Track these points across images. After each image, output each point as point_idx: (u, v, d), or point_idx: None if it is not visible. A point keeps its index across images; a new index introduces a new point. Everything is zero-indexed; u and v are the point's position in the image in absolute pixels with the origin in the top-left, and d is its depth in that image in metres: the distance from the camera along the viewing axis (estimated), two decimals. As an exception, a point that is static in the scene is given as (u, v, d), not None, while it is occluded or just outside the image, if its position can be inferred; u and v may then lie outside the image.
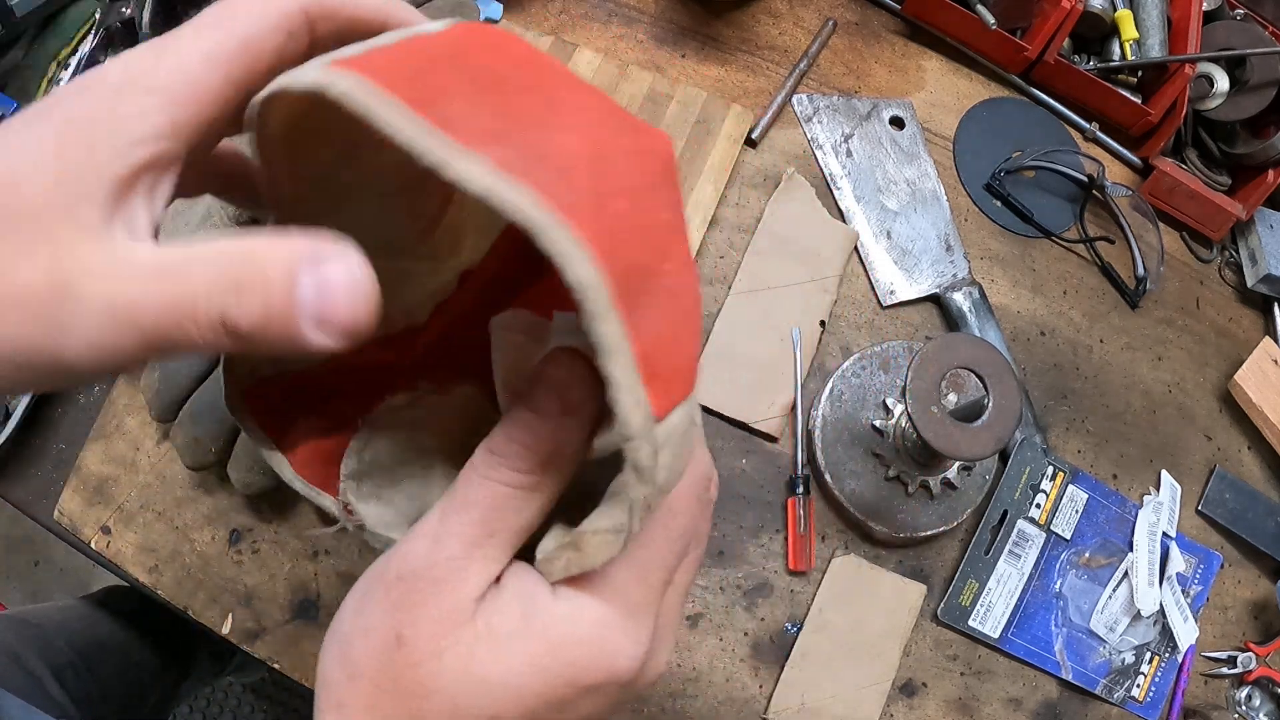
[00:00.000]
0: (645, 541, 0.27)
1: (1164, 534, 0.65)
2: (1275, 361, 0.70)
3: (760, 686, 0.59)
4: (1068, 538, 0.64)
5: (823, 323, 0.65)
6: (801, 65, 0.71)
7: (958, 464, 0.61)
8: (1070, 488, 0.64)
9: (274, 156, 0.28)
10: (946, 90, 0.74)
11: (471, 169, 0.21)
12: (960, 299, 0.66)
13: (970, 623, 0.61)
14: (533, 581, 0.26)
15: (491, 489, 0.25)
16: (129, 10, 0.66)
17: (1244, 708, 0.66)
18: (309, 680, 0.56)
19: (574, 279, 0.21)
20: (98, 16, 0.67)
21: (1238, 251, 0.75)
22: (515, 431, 0.25)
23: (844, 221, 0.68)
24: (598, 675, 0.26)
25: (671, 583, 0.28)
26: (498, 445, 0.26)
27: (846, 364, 0.64)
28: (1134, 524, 0.65)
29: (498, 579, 0.26)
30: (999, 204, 0.71)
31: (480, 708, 0.25)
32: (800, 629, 0.60)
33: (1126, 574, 0.64)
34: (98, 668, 0.63)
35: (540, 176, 0.22)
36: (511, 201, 0.21)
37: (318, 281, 0.21)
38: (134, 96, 0.23)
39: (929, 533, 0.61)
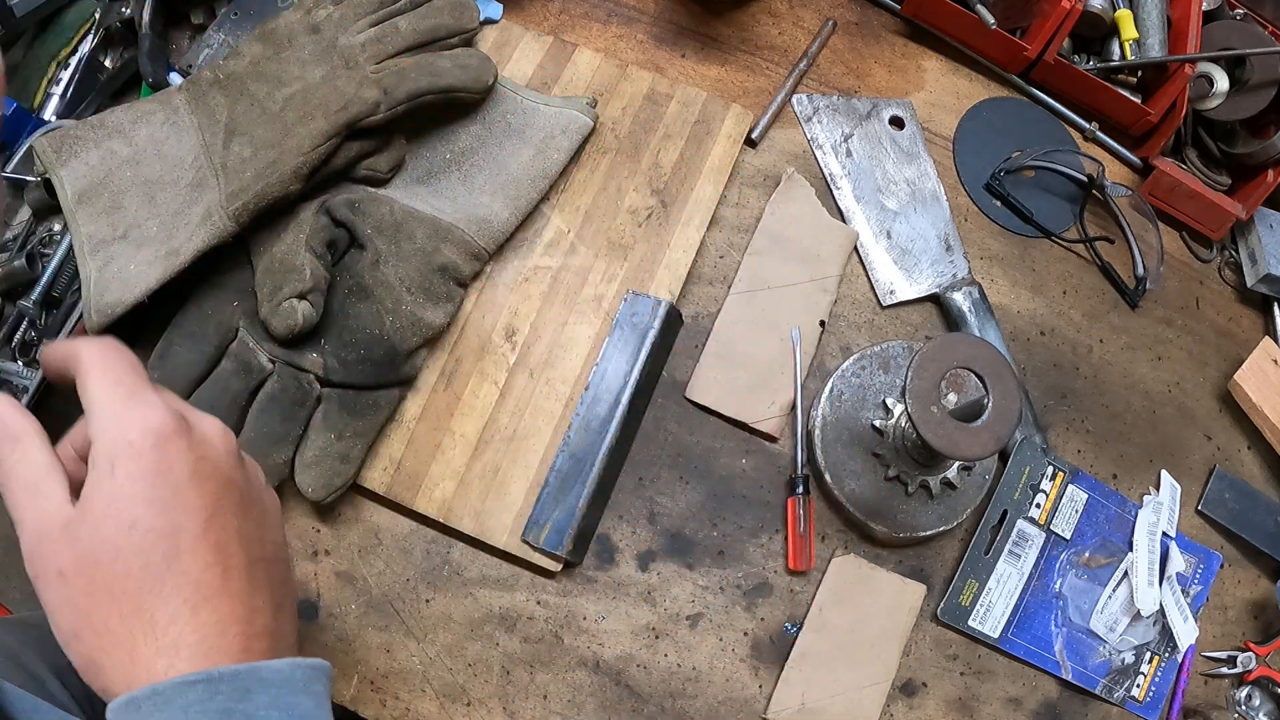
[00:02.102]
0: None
1: (1164, 534, 0.65)
2: (1275, 361, 0.70)
3: (760, 686, 0.59)
4: (1068, 538, 0.64)
5: (823, 323, 0.65)
6: (801, 65, 0.71)
7: (958, 464, 0.61)
8: (1070, 487, 0.64)
9: None
10: (946, 90, 0.74)
11: None
12: (960, 299, 0.66)
13: (970, 623, 0.61)
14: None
15: None
16: (128, 10, 0.66)
17: (1244, 707, 0.66)
18: (309, 680, 0.56)
19: None
20: (97, 16, 0.67)
21: (1237, 251, 0.75)
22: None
23: (844, 221, 0.68)
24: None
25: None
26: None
27: (846, 364, 0.64)
28: (1134, 524, 0.65)
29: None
30: (999, 204, 0.71)
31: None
32: (800, 629, 0.60)
33: (1126, 574, 0.64)
34: None
35: None
36: None
37: None
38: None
39: (929, 533, 0.61)
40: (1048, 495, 0.64)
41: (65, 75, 0.67)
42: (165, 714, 0.30)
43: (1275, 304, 0.74)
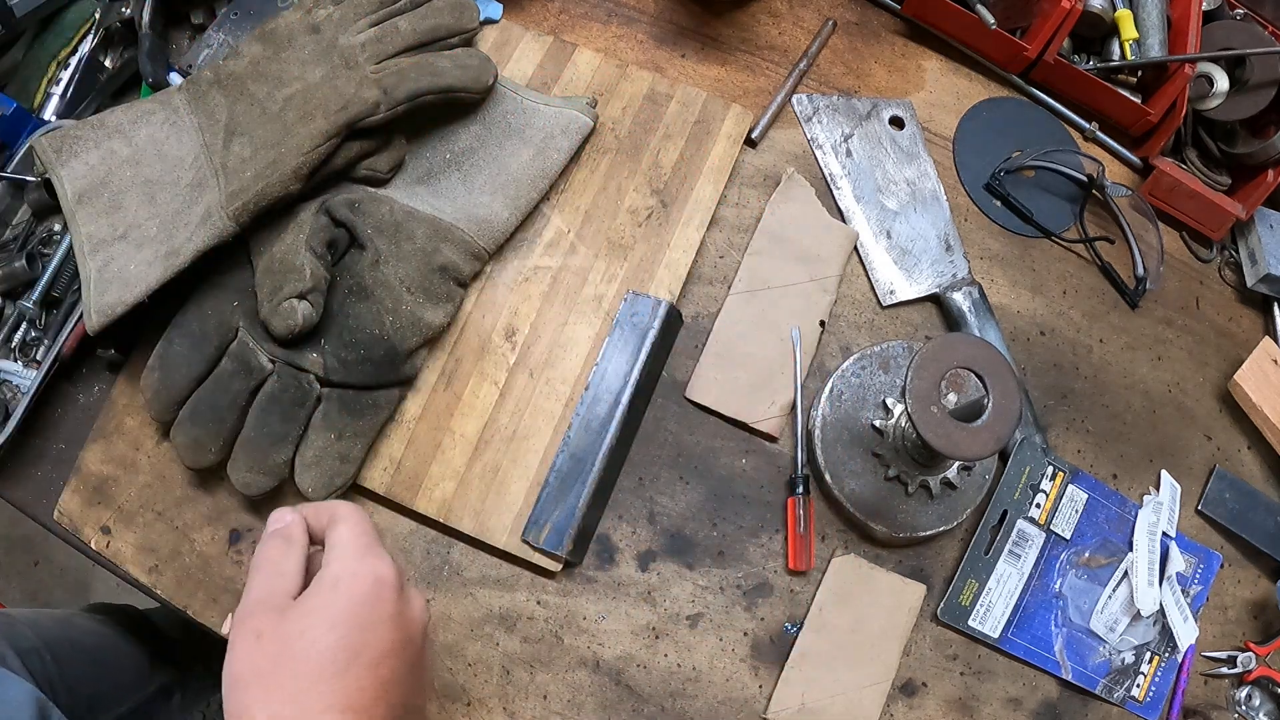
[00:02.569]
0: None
1: (1164, 534, 0.65)
2: (1275, 361, 0.70)
3: (760, 686, 0.59)
4: (1068, 537, 0.64)
5: (823, 323, 0.65)
6: (801, 65, 0.71)
7: (958, 464, 0.61)
8: (1070, 487, 0.64)
9: None
10: (946, 90, 0.74)
11: None
12: (960, 299, 0.66)
13: (970, 622, 0.61)
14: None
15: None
16: (128, 10, 0.66)
17: (1244, 707, 0.66)
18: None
19: None
20: (97, 16, 0.67)
21: (1237, 251, 0.75)
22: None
23: (844, 221, 0.68)
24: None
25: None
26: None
27: (846, 364, 0.64)
28: (1134, 524, 0.65)
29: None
30: (999, 204, 0.71)
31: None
32: (800, 629, 0.60)
33: (1126, 574, 0.64)
34: (66, 662, 0.63)
35: None
36: None
37: None
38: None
39: (929, 533, 0.61)
40: (1048, 495, 0.64)
41: (65, 75, 0.67)
42: None
43: (1275, 304, 0.74)
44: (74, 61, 0.67)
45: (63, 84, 0.67)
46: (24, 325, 0.62)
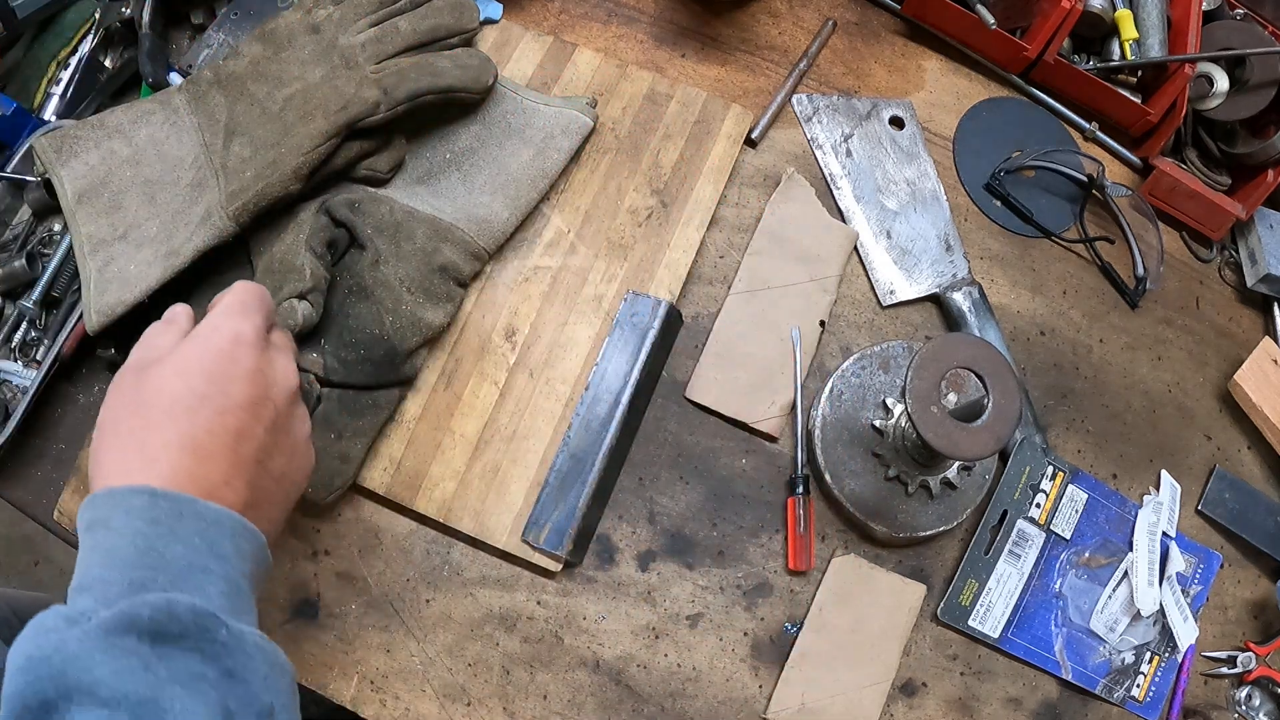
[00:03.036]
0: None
1: (1164, 534, 0.65)
2: (1275, 361, 0.70)
3: (760, 686, 0.59)
4: (1068, 537, 0.64)
5: (823, 323, 0.65)
6: (801, 65, 0.71)
7: (958, 464, 0.61)
8: (1070, 487, 0.64)
9: None
10: (946, 90, 0.74)
11: None
12: (960, 299, 0.66)
13: (970, 622, 0.61)
14: None
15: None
16: (128, 10, 0.66)
17: (1244, 707, 0.66)
18: (309, 680, 0.56)
19: None
20: (97, 16, 0.67)
21: (1237, 251, 0.75)
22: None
23: (844, 221, 0.68)
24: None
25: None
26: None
27: (846, 364, 0.64)
28: (1134, 524, 0.65)
29: None
30: (999, 204, 0.71)
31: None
32: (800, 629, 0.60)
33: (1126, 574, 0.64)
34: None
35: None
36: None
37: None
38: None
39: (929, 533, 0.61)
40: (1048, 495, 0.64)
41: (65, 75, 0.67)
42: (110, 509, 0.37)
43: (1275, 304, 0.74)
44: (74, 61, 0.67)
45: (63, 84, 0.67)
46: (24, 325, 0.62)
